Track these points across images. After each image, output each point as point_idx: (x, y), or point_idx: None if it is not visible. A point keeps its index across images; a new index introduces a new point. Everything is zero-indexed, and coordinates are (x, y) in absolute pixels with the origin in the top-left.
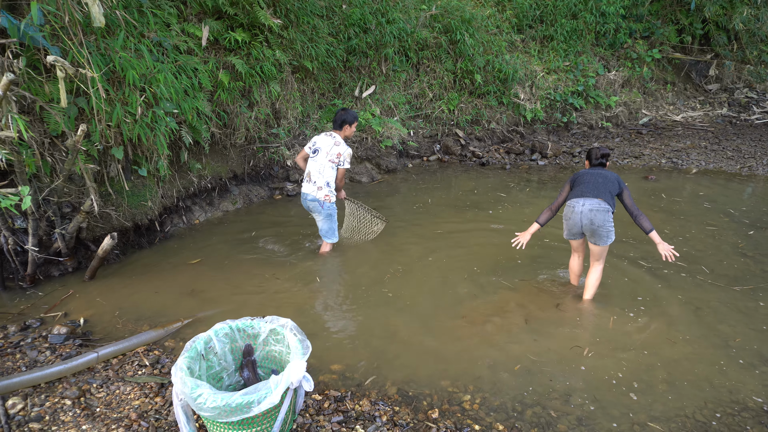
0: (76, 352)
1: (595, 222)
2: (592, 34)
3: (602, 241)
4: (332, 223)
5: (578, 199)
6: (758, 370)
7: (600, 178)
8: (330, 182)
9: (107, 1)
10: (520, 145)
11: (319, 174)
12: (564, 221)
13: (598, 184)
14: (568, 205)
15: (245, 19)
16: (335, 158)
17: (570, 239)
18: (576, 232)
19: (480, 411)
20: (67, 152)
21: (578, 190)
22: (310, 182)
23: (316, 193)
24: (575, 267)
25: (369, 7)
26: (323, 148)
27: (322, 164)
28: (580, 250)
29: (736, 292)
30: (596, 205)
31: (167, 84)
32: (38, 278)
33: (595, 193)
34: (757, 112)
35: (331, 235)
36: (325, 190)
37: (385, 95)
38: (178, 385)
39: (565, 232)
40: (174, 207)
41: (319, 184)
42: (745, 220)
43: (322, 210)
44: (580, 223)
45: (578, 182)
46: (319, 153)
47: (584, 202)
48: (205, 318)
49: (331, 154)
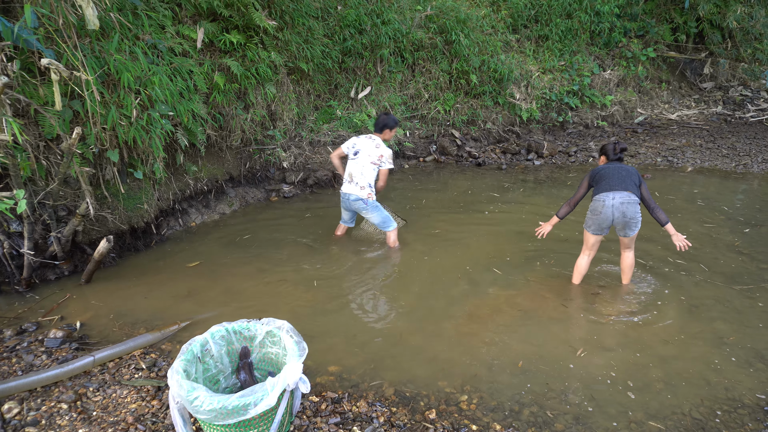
0: (72, 356)
1: (627, 214)
2: (586, 33)
3: (633, 231)
4: (383, 212)
5: (607, 193)
6: (754, 367)
7: (623, 171)
8: (371, 183)
9: (101, 4)
10: (516, 145)
11: (361, 175)
12: (592, 216)
13: (623, 177)
14: (597, 199)
15: (240, 21)
16: (377, 160)
17: (595, 234)
18: (606, 226)
19: (477, 411)
20: (63, 155)
21: (605, 184)
22: (351, 182)
23: (359, 193)
24: (583, 266)
25: (364, 8)
26: (364, 150)
27: (363, 165)
28: (595, 248)
29: (732, 290)
30: (626, 197)
31: (162, 86)
32: (34, 282)
33: (623, 186)
34: (752, 110)
35: (389, 223)
36: (368, 190)
37: (381, 96)
38: (175, 388)
39: (592, 227)
40: (170, 209)
41: (362, 185)
42: (741, 217)
43: (368, 207)
44: (611, 216)
45: (602, 177)
46: (360, 155)
47: (614, 196)
48: (202, 321)
49: (372, 156)
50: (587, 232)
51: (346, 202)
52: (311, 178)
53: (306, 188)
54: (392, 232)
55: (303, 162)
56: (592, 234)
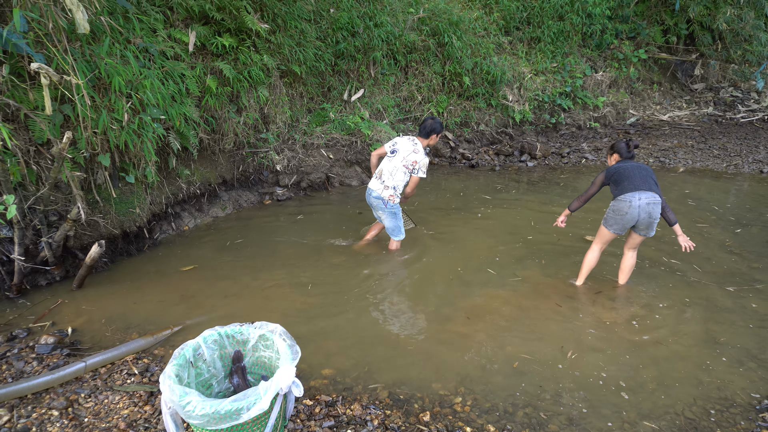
0: (63, 362)
1: (653, 215)
2: (578, 35)
3: (652, 232)
4: (397, 220)
5: (633, 193)
6: (745, 366)
7: (643, 171)
8: (398, 186)
9: (92, 8)
10: (509, 146)
11: (390, 175)
12: (615, 216)
13: (644, 176)
14: (622, 200)
15: (232, 24)
16: (410, 164)
17: (616, 233)
18: (629, 226)
19: (471, 413)
20: (53, 160)
21: (629, 184)
22: (378, 179)
23: (381, 192)
24: (593, 261)
25: (356, 11)
26: (401, 151)
27: (395, 166)
28: (607, 244)
29: (724, 290)
30: (652, 198)
31: (154, 90)
32: (25, 288)
33: (647, 186)
34: (742, 111)
35: (397, 232)
36: (391, 191)
37: (374, 98)
38: (167, 393)
39: (614, 226)
40: (163, 213)
41: (387, 184)
42: (732, 217)
43: (386, 209)
44: (637, 216)
45: (623, 176)
46: (396, 154)
47: (640, 196)
48: (195, 325)
49: (407, 159)
50: (607, 230)
51: (368, 198)
52: (305, 181)
53: (299, 191)
54: (397, 242)
55: (296, 165)
56: (613, 233)
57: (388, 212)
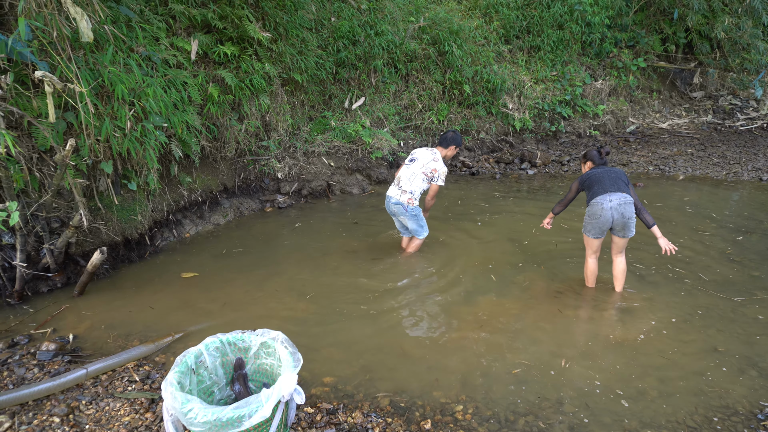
0: (64, 369)
1: (626, 215)
2: (578, 44)
3: (630, 232)
4: (420, 220)
5: (603, 195)
6: (746, 375)
7: (613, 173)
8: (415, 192)
9: (95, 16)
10: (510, 154)
11: (408, 181)
12: (591, 221)
13: (614, 179)
14: (594, 204)
15: (234, 33)
16: (429, 172)
17: (596, 238)
18: (606, 228)
19: (473, 421)
20: (56, 167)
21: (599, 188)
22: (396, 186)
23: (399, 197)
24: (594, 268)
25: (357, 20)
26: (420, 159)
27: (414, 173)
28: (599, 250)
29: (725, 298)
30: (622, 198)
31: (156, 98)
32: (26, 294)
33: (617, 188)
34: (741, 119)
35: (421, 231)
36: (408, 195)
37: (375, 107)
38: (169, 401)
39: (592, 231)
40: (164, 221)
41: (405, 189)
42: (732, 225)
43: (407, 213)
44: (611, 218)
45: (594, 181)
46: (415, 162)
47: (611, 198)
48: (196, 332)
49: (426, 167)
50: (589, 237)
51: (387, 206)
52: (306, 189)
53: (301, 198)
54: (421, 240)
55: (297, 172)
56: (594, 238)
57: (409, 215)
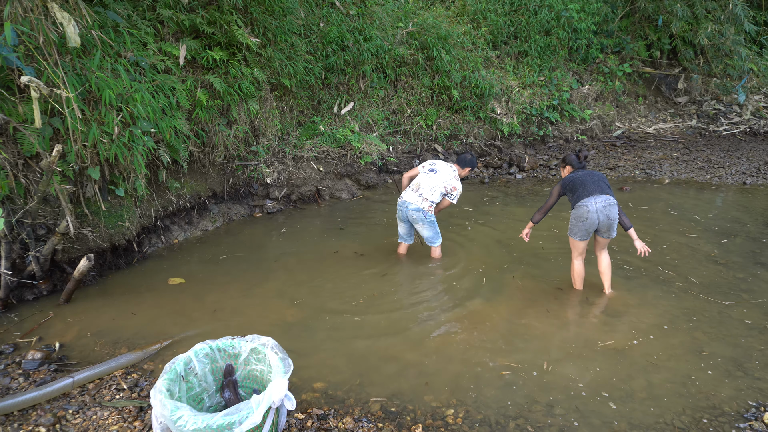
0: (50, 378)
1: (611, 216)
2: (565, 49)
3: (614, 233)
4: (435, 227)
5: (588, 198)
6: (733, 375)
7: (595, 176)
8: (434, 202)
9: (83, 21)
10: (498, 159)
11: (431, 191)
12: (578, 224)
13: (597, 182)
14: (580, 207)
15: (223, 38)
16: (450, 189)
17: (582, 240)
18: (592, 230)
19: (463, 425)
20: (42, 173)
21: (583, 191)
22: (415, 192)
23: (420, 203)
24: (581, 270)
25: (346, 25)
26: (442, 173)
27: (436, 184)
28: (584, 252)
29: (711, 300)
30: (607, 200)
31: (144, 103)
32: (11, 302)
33: (601, 190)
34: (725, 124)
35: (436, 239)
36: (429, 203)
37: (364, 111)
38: (158, 408)
39: (578, 234)
40: (152, 227)
41: (426, 197)
42: (717, 228)
43: (425, 219)
44: (597, 220)
45: (577, 185)
46: (437, 174)
47: (596, 200)
48: (185, 339)
49: (448, 183)
50: (574, 240)
51: (403, 211)
52: (295, 194)
53: (290, 204)
54: (438, 247)
55: (287, 177)
56: (580, 240)
57: (427, 222)
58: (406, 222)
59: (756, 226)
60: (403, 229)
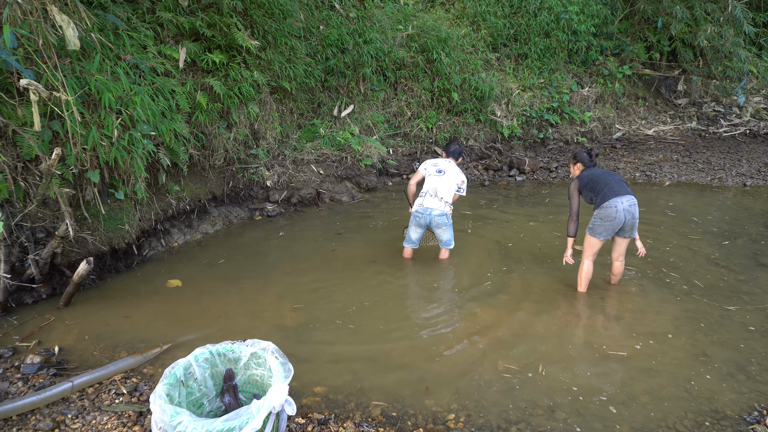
0: (50, 382)
1: (636, 216)
2: (564, 52)
3: (635, 232)
4: (452, 231)
5: (616, 198)
6: (735, 378)
7: (616, 176)
8: (450, 202)
9: (82, 24)
10: (498, 161)
11: (447, 192)
12: (604, 223)
13: (619, 181)
14: (607, 206)
15: (223, 41)
16: (460, 183)
17: (604, 239)
18: (617, 230)
19: (465, 429)
20: (41, 176)
21: (609, 191)
22: (435, 197)
23: (444, 208)
24: (591, 272)
25: (346, 28)
26: (449, 171)
27: (450, 184)
28: (597, 253)
29: (712, 302)
30: (632, 200)
31: (144, 106)
32: (10, 306)
33: (626, 190)
34: (725, 125)
35: (452, 241)
36: (449, 206)
37: (364, 114)
38: (157, 413)
39: (603, 233)
40: (152, 230)
41: (446, 200)
42: (717, 230)
43: (448, 222)
44: (623, 219)
45: (599, 184)
46: (446, 174)
47: (622, 200)
48: (185, 343)
49: (458, 179)
50: (595, 239)
51: (425, 218)
52: (295, 197)
53: (290, 207)
54: (448, 251)
55: (287, 180)
56: (602, 240)
57: (449, 226)
58: (424, 228)
59: (756, 228)
60: (417, 235)
